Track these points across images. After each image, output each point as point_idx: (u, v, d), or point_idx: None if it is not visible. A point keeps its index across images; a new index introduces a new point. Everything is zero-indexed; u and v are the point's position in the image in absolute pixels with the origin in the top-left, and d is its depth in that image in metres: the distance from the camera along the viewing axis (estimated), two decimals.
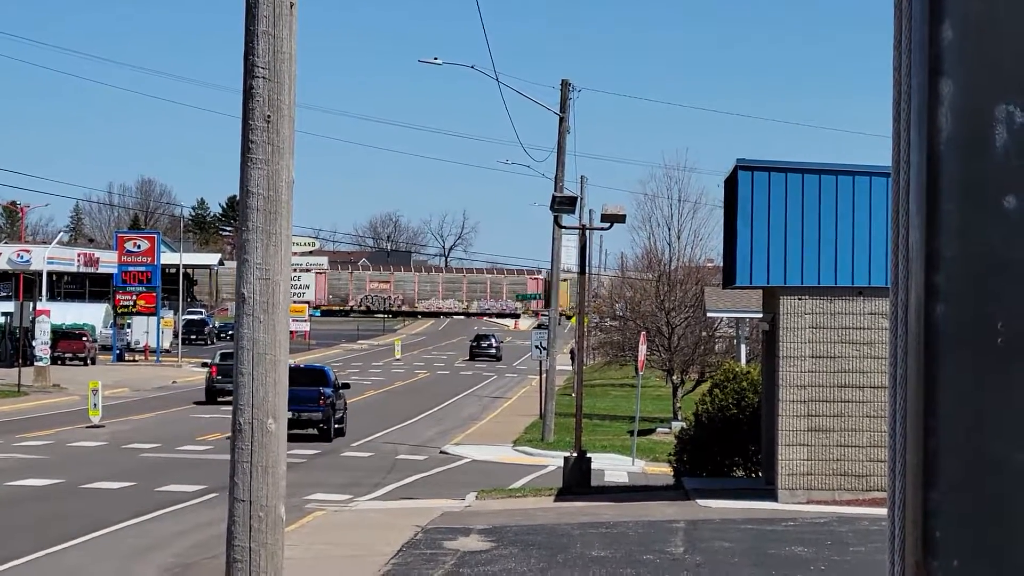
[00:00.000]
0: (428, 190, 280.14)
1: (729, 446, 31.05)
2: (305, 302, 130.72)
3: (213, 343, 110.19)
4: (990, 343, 2.06)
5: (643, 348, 41.90)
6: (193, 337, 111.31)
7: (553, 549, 21.59)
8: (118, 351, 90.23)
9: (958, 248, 2.08)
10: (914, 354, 2.11)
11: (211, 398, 59.94)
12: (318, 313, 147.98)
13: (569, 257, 58.27)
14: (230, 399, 10.34)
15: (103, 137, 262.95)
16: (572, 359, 69.57)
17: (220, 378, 57.73)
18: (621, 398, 70.44)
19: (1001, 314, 2.06)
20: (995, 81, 2.08)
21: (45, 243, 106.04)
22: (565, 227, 46.03)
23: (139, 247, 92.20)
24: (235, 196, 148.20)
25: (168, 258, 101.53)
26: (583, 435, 35.12)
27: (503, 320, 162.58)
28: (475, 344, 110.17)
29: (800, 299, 26.43)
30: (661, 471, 37.28)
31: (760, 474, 30.09)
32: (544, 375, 51.97)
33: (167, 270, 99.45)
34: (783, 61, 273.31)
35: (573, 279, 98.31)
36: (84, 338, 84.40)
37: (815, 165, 26.72)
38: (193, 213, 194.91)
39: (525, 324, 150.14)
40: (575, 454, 32.95)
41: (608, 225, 34.62)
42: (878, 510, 24.75)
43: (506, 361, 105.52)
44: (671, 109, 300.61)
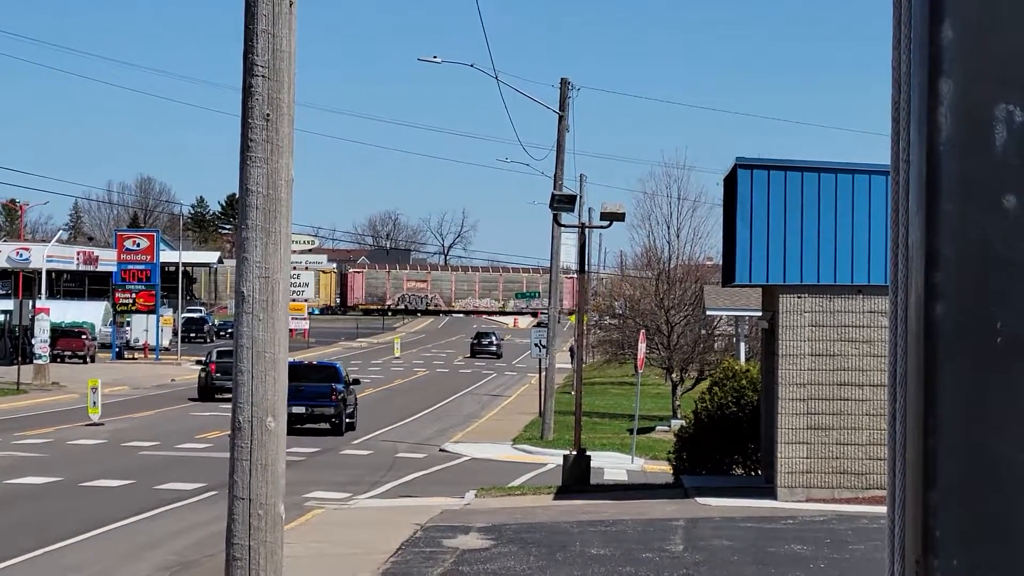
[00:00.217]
0: (427, 188, 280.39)
1: (728, 444, 31.05)
2: (332, 302, 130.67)
3: (212, 341, 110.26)
4: (990, 342, 2.07)
5: (642, 346, 41.92)
6: (192, 335, 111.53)
7: (552, 547, 21.58)
8: (117, 349, 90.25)
9: (958, 247, 2.08)
10: (914, 353, 2.11)
11: (205, 396, 59.98)
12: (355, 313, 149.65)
13: (568, 255, 58.26)
14: (228, 396, 10.35)
15: (102, 135, 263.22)
16: (572, 357, 69.53)
17: (219, 375, 57.79)
18: (620, 396, 70.42)
19: (1001, 313, 2.07)
20: (995, 81, 2.08)
21: (44, 241, 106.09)
22: (564, 225, 46.02)
23: (138, 245, 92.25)
24: (234, 194, 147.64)
25: (167, 256, 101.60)
26: (582, 433, 35.13)
27: (502, 318, 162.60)
28: (476, 342, 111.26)
29: (799, 297, 26.42)
30: (660, 469, 37.28)
31: (759, 472, 30.09)
32: (543, 373, 51.96)
33: (166, 268, 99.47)
34: (783, 60, 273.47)
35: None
36: (83, 336, 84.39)
37: (815, 163, 26.70)
38: (192, 211, 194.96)
39: (524, 322, 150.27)
40: (574, 452, 32.95)
41: (607, 223, 34.61)
42: (877, 508, 24.74)
43: (505, 359, 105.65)
44: (670, 108, 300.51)
